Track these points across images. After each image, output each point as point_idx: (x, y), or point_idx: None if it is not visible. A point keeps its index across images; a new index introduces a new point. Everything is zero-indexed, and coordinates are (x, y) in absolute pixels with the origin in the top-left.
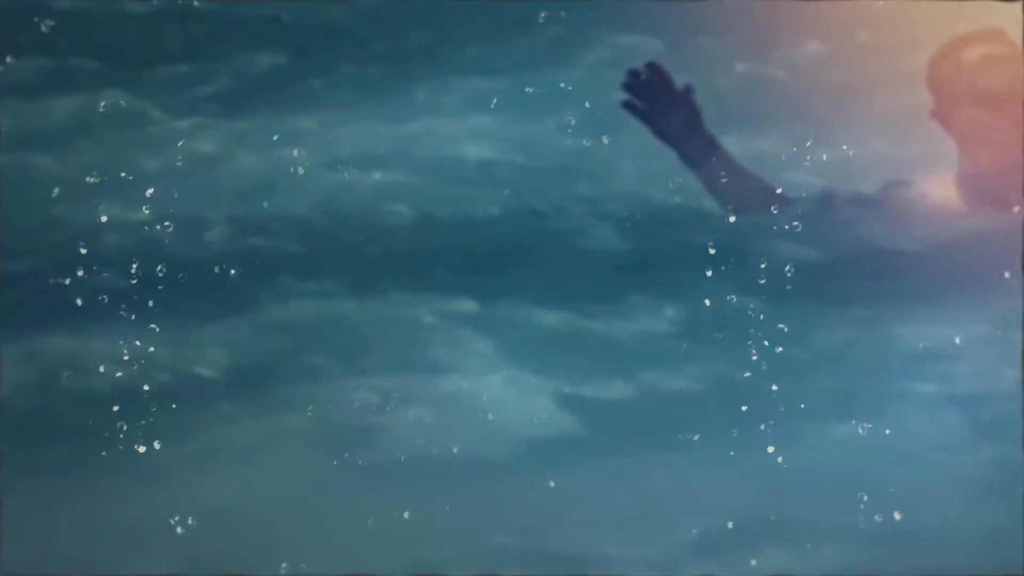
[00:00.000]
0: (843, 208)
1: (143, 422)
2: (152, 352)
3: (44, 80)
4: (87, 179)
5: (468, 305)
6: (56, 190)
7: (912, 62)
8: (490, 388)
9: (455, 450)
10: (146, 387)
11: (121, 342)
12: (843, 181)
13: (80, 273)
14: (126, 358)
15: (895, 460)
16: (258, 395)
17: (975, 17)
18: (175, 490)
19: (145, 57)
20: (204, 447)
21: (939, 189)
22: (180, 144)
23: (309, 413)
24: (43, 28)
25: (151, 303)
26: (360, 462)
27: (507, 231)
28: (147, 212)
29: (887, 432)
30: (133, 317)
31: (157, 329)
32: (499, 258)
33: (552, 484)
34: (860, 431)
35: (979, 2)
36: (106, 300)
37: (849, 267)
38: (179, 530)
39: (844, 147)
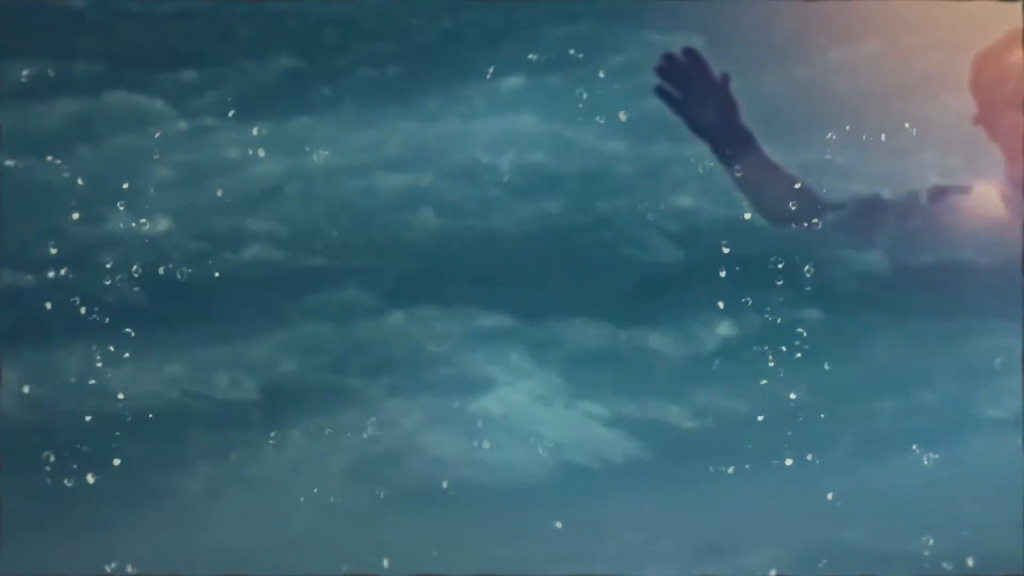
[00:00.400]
0: (891, 216)
1: (155, 447)
2: (162, 372)
3: (46, 82)
4: (92, 187)
5: (506, 320)
6: (60, 198)
7: (956, 65)
8: (530, 409)
9: (493, 475)
10: (157, 410)
11: (117, 359)
12: (889, 189)
13: (87, 286)
14: (136, 378)
15: (964, 487)
16: (282, 418)
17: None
18: (191, 521)
19: (153, 59)
20: (223, 474)
21: (984, 197)
22: (192, 150)
23: (334, 436)
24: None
25: (162, 319)
26: (393, 489)
27: (543, 241)
28: (157, 222)
29: (956, 456)
30: (143, 335)
31: (168, 348)
32: (536, 270)
33: (594, 510)
34: (926, 461)
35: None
36: (115, 316)
37: (909, 278)
38: (195, 567)
39: (890, 154)
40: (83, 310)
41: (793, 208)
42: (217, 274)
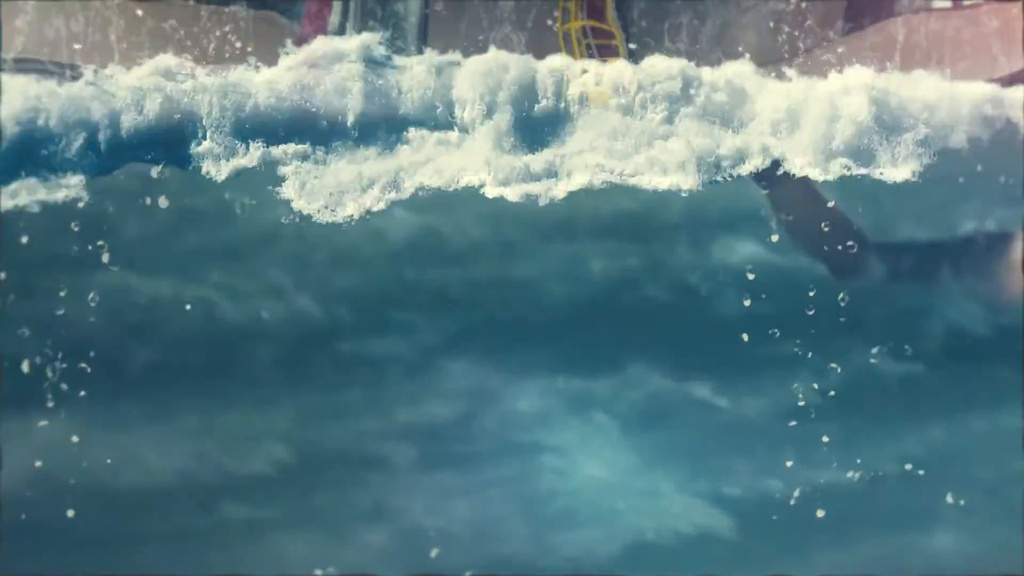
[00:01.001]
0: (946, 264)
1: (165, 530)
2: (176, 442)
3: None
4: (98, 243)
5: (566, 381)
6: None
7: None
8: (592, 479)
9: (553, 553)
10: (173, 484)
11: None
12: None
13: (88, 347)
14: (145, 449)
15: None
16: (310, 495)
17: None
18: None
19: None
20: (244, 552)
21: None
22: (195, 194)
23: (370, 511)
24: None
25: (171, 386)
26: (439, 570)
27: (600, 294)
28: (164, 278)
29: None
30: (148, 400)
31: (180, 415)
32: (595, 326)
33: None
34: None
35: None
36: (117, 382)
37: (997, 330)
38: None
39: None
40: (87, 374)
41: (827, 231)
42: (235, 332)
